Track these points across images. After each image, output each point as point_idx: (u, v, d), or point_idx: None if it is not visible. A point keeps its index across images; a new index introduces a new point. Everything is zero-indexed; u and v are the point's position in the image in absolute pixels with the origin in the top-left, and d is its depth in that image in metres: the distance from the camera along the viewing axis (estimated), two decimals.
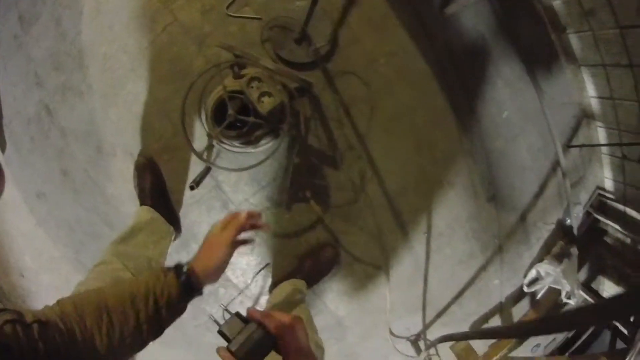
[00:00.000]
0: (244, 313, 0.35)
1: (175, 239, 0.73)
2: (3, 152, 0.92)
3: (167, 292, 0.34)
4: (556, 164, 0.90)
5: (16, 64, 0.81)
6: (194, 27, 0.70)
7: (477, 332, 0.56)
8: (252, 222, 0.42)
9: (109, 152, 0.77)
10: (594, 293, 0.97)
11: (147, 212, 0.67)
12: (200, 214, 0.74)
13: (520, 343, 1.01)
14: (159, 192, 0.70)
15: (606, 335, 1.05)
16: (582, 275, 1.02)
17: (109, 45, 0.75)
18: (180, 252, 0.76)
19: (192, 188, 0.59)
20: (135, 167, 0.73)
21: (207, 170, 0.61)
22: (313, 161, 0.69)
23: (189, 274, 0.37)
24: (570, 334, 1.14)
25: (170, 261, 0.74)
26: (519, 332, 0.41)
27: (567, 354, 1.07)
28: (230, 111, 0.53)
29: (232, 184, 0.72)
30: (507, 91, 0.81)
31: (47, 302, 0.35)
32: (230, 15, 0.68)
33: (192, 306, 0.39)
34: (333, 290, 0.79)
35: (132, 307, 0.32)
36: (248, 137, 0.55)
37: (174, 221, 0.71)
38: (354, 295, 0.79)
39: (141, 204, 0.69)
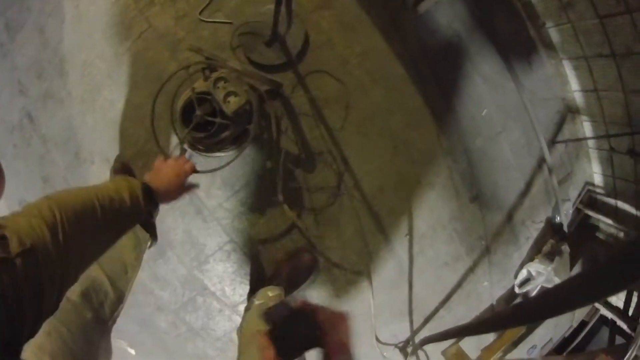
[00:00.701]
0: (223, 322, 0.34)
1: (151, 246, 0.71)
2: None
3: (135, 193, 0.38)
4: (542, 161, 0.87)
5: (1, 72, 0.81)
6: (167, 33, 0.69)
7: (456, 329, 0.53)
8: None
9: (86, 159, 0.76)
10: None
11: None
12: (175, 219, 0.72)
13: (515, 345, 0.97)
14: None
15: (604, 333, 1.00)
16: (569, 270, 0.98)
17: (88, 52, 0.74)
18: (157, 260, 0.74)
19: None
20: (110, 173, 0.71)
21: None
22: (287, 164, 0.67)
23: (145, 182, 0.42)
24: (567, 333, 1.09)
25: (146, 270, 0.72)
26: (498, 323, 0.38)
27: (564, 354, 1.02)
28: (198, 112, 0.52)
29: (205, 189, 0.70)
30: (486, 88, 0.78)
31: None
32: (203, 20, 0.67)
33: (173, 316, 0.36)
34: (313, 297, 0.76)
35: (103, 202, 0.34)
36: (216, 139, 0.54)
37: (151, 227, 0.69)
38: (335, 302, 0.75)
39: None
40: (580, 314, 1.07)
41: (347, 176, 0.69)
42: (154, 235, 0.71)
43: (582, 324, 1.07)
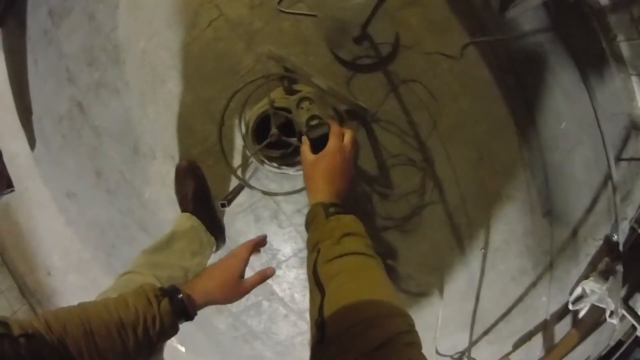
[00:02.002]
0: (287, 327, 0.32)
1: (217, 250, 0.66)
2: (32, 149, 0.86)
3: (159, 321, 0.32)
4: (607, 178, 0.82)
5: (47, 60, 0.75)
6: (242, 23, 0.62)
7: None
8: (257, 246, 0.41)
9: (146, 154, 0.70)
10: (630, 309, 0.90)
11: (187, 220, 0.60)
12: (247, 223, 0.67)
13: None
14: (201, 198, 0.63)
15: (638, 353, 0.99)
16: (622, 292, 0.95)
17: (147, 40, 0.67)
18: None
19: (222, 206, 0.53)
20: (176, 171, 0.65)
21: (240, 188, 0.54)
22: (369, 174, 0.62)
23: (184, 301, 0.34)
24: (603, 352, 1.07)
25: None
26: None
27: None
28: (274, 130, 0.46)
29: (285, 194, 0.64)
30: (565, 100, 0.73)
31: (73, 303, 0.32)
32: (282, 11, 0.60)
33: (233, 319, 0.34)
34: None
35: (119, 335, 0.30)
36: (291, 160, 0.49)
37: (218, 231, 0.64)
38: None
39: (182, 211, 0.62)
40: (618, 333, 1.04)
41: (433, 186, 0.63)
42: (221, 239, 0.66)
43: (619, 344, 1.05)
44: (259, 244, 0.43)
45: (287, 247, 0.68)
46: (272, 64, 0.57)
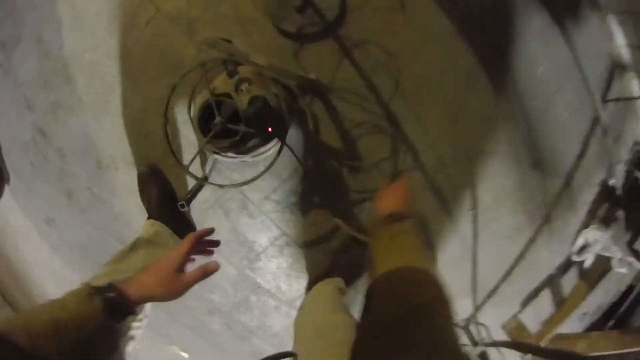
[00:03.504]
0: (280, 319, 0.28)
1: None
2: (8, 183, 0.82)
3: (92, 320, 0.30)
4: (595, 121, 0.75)
5: (5, 91, 0.71)
6: (180, 15, 0.57)
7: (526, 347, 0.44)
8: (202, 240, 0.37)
9: (109, 166, 0.66)
10: (637, 254, 0.83)
11: (151, 226, 0.56)
12: (218, 218, 0.62)
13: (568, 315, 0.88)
14: (166, 202, 0.58)
15: None
16: (625, 237, 0.88)
17: (92, 51, 0.63)
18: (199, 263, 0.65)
19: (182, 207, 0.48)
20: (137, 178, 0.61)
21: (199, 187, 0.49)
22: (333, 149, 0.56)
23: (115, 298, 0.31)
24: (615, 298, 1.02)
25: None
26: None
27: (611, 322, 0.94)
28: (218, 118, 0.41)
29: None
30: (538, 44, 0.66)
31: None
32: None
33: (226, 318, 0.29)
34: None
35: (56, 335, 0.28)
36: (242, 147, 0.44)
37: (188, 231, 0.59)
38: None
39: (149, 217, 0.58)
40: (627, 278, 0.98)
41: (405, 150, 0.57)
42: None
43: (630, 288, 0.99)
44: (202, 235, 0.38)
45: (263, 236, 0.63)
46: (214, 50, 0.51)
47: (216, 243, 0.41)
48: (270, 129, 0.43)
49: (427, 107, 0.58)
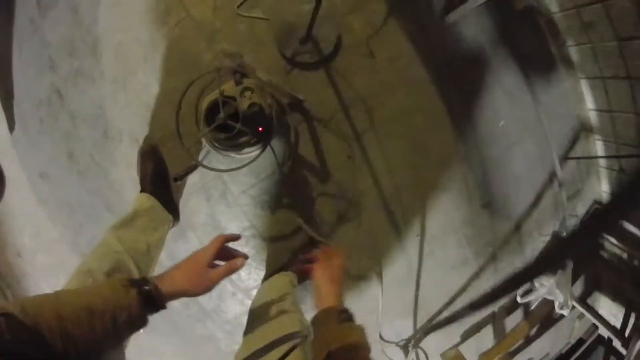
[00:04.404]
0: (234, 306, 0.40)
1: (172, 226, 0.76)
2: (11, 131, 0.96)
3: (126, 311, 0.33)
4: (553, 175, 0.92)
5: (31, 47, 0.85)
6: (205, 23, 0.74)
7: (463, 310, 0.57)
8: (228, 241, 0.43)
9: (115, 137, 0.81)
10: (588, 307, 0.98)
11: (147, 200, 0.70)
12: (199, 202, 0.77)
13: (512, 356, 1.02)
14: (159, 179, 0.73)
15: (600, 352, 1.05)
16: (578, 290, 1.03)
17: (123, 34, 0.79)
18: (177, 241, 0.79)
19: (175, 180, 0.64)
20: (138, 153, 0.76)
21: (193, 167, 0.65)
22: (303, 165, 0.73)
23: (152, 291, 0.35)
24: (564, 349, 1.14)
25: (166, 250, 0.77)
26: (504, 286, 0.42)
27: None
28: (221, 114, 0.57)
29: (232, 175, 0.75)
30: (506, 100, 0.84)
31: (42, 285, 0.36)
32: (240, 15, 0.73)
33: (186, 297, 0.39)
34: None
35: (88, 321, 0.32)
36: (235, 142, 0.59)
37: (173, 209, 0.74)
38: (345, 295, 0.80)
39: (141, 191, 0.72)
40: (578, 331, 1.12)
41: (366, 173, 0.74)
42: (176, 217, 0.77)
43: (580, 342, 1.12)
44: (230, 239, 0.44)
45: (234, 225, 0.77)
46: (227, 60, 0.69)
47: (237, 239, 0.45)
48: (260, 129, 0.58)
49: (393, 139, 0.75)
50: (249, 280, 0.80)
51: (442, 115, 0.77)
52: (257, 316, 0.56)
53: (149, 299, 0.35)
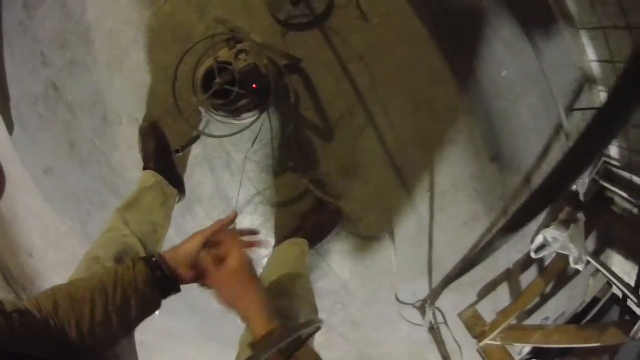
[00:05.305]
0: None
1: (179, 201, 0.74)
2: (10, 133, 0.95)
3: (134, 280, 0.33)
4: (559, 127, 0.89)
5: (22, 48, 0.84)
6: None
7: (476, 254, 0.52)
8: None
9: (114, 120, 0.80)
10: (602, 264, 0.95)
11: (151, 176, 0.68)
12: (204, 174, 0.75)
13: (528, 314, 1.00)
14: (162, 155, 0.71)
15: (615, 311, 1.03)
16: (590, 246, 1.00)
17: (113, 19, 0.77)
18: (185, 215, 0.77)
19: (176, 152, 0.62)
20: (139, 132, 0.75)
21: (194, 138, 0.63)
22: (306, 127, 0.70)
23: (158, 261, 0.35)
24: (579, 308, 1.12)
25: (174, 226, 0.76)
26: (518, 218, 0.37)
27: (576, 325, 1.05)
28: (218, 79, 0.55)
29: (234, 142, 0.73)
30: (506, 51, 0.81)
31: (55, 281, 0.37)
32: None
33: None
34: (337, 251, 0.78)
35: (100, 296, 0.32)
36: (234, 106, 0.57)
37: (178, 184, 0.72)
38: (358, 257, 0.78)
39: (145, 168, 0.70)
40: (592, 289, 1.10)
41: (370, 129, 0.72)
42: (182, 191, 0.75)
43: (594, 300, 1.10)
44: (225, 225, 0.39)
45: (240, 193, 0.75)
46: (220, 29, 0.67)
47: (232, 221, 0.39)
48: (254, 86, 0.56)
49: (395, 94, 0.71)
50: (259, 249, 0.78)
51: (443, 69, 0.75)
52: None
53: (156, 268, 0.34)
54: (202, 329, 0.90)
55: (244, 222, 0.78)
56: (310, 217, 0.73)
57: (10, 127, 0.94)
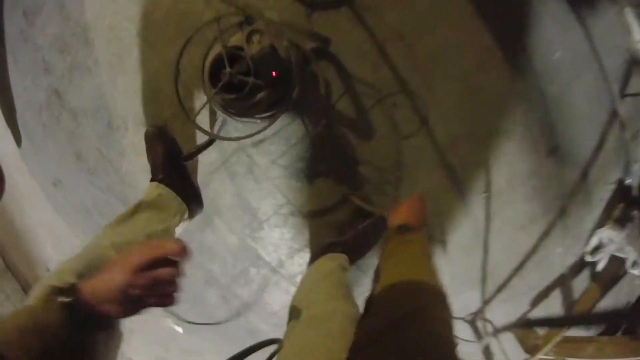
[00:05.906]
0: (280, 296, 0.34)
1: (192, 216, 0.60)
2: (19, 145, 0.84)
3: (48, 320, 0.25)
4: (613, 114, 0.72)
5: (24, 56, 0.74)
6: None
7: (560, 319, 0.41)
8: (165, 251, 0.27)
9: (119, 126, 0.67)
10: None
11: (155, 189, 0.56)
12: (223, 182, 0.61)
13: None
14: (171, 163, 0.58)
15: None
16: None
17: (113, 16, 0.65)
18: (204, 230, 0.64)
19: (184, 160, 0.47)
20: (145, 138, 0.61)
21: (208, 142, 0.47)
22: (343, 116, 0.55)
23: (74, 295, 0.26)
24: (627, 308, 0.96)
25: (194, 242, 0.61)
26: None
27: (619, 332, 0.89)
28: (227, 69, 0.41)
29: (256, 145, 0.58)
30: (556, 28, 0.64)
31: None
32: None
33: (224, 290, 0.28)
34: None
35: (21, 345, 0.25)
36: (250, 101, 0.43)
37: (193, 194, 0.59)
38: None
39: (152, 179, 0.58)
40: (638, 289, 0.92)
41: (416, 123, 0.56)
42: (198, 204, 0.60)
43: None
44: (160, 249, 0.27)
45: (266, 204, 0.62)
46: (227, 10, 0.51)
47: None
48: (274, 73, 0.41)
49: (440, 81, 0.57)
50: (292, 265, 0.63)
51: (493, 50, 0.59)
52: (298, 322, 0.41)
53: (71, 303, 0.26)
54: (228, 348, 0.76)
55: (271, 235, 0.65)
56: (350, 228, 0.59)
57: (18, 139, 0.83)
